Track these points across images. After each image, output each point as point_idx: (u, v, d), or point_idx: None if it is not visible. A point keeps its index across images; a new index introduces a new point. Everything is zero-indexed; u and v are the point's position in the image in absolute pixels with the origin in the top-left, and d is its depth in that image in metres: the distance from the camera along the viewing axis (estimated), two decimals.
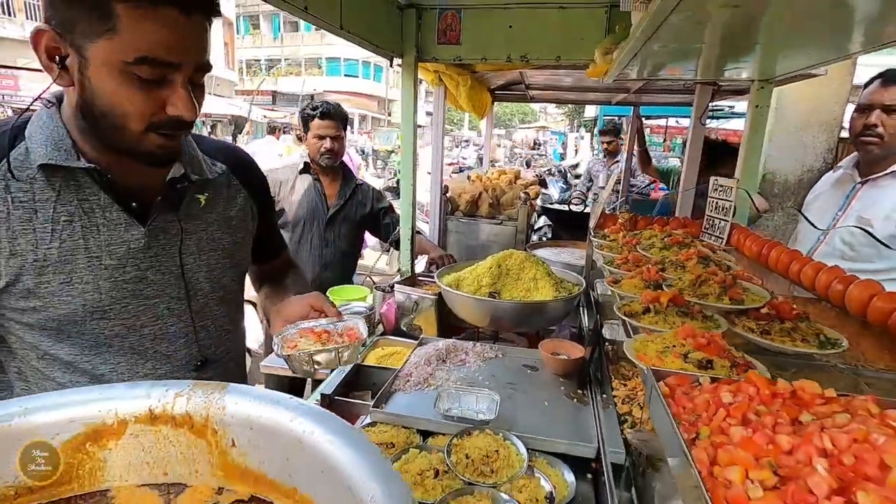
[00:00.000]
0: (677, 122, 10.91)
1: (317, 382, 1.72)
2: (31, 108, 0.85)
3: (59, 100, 0.86)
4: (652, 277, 1.07)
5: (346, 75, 37.32)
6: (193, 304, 0.96)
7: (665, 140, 10.73)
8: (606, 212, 2.00)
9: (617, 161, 5.40)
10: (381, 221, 2.69)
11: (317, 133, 2.44)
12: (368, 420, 1.29)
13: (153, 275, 0.90)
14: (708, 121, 2.95)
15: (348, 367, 1.60)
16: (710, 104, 2.65)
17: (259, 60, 38.55)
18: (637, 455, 0.83)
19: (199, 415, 0.62)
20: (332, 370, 1.36)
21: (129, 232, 0.87)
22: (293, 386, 2.45)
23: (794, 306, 0.88)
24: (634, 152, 4.50)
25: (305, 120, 2.48)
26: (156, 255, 0.90)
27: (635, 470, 0.84)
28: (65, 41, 0.75)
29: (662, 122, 10.65)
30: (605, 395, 1.30)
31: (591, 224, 1.92)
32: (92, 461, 0.61)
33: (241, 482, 0.63)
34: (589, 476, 1.12)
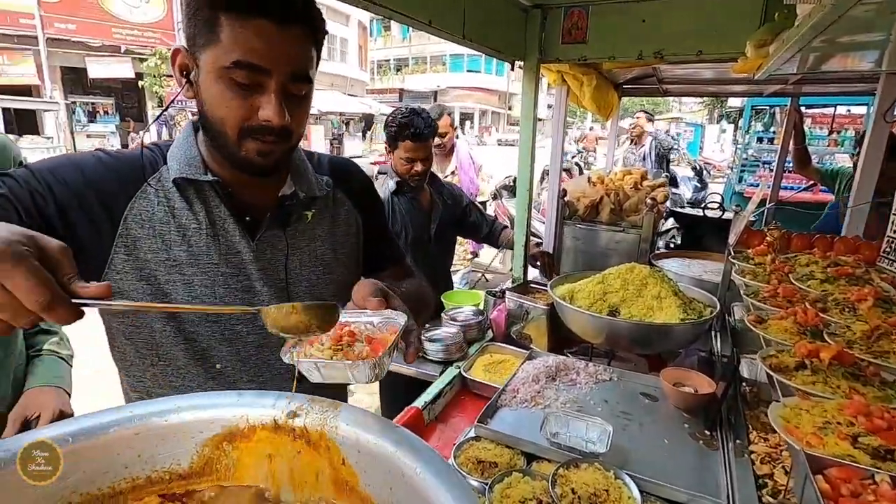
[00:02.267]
0: (848, 110, 9.25)
1: (427, 384, 1.76)
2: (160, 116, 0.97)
3: (197, 127, 0.96)
4: (809, 321, 0.89)
5: (468, 71, 37.93)
6: None
7: (831, 132, 9.12)
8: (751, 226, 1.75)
9: (643, 147, 5.59)
10: (467, 219, 2.58)
11: (407, 155, 2.19)
12: (473, 433, 1.28)
13: (260, 286, 0.96)
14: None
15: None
16: None
17: (388, 60, 40.86)
18: None
19: (315, 430, 0.66)
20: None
21: (241, 244, 0.94)
22: (408, 383, 2.09)
23: None
24: (790, 150, 3.89)
25: (394, 137, 2.20)
26: (263, 267, 0.96)
27: None
28: (190, 56, 0.84)
29: (828, 108, 9.08)
30: (738, 442, 1.14)
31: (731, 241, 1.69)
32: (227, 458, 0.69)
33: (347, 499, 0.66)
34: None
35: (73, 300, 0.52)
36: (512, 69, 2.16)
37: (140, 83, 17.88)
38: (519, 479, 1.08)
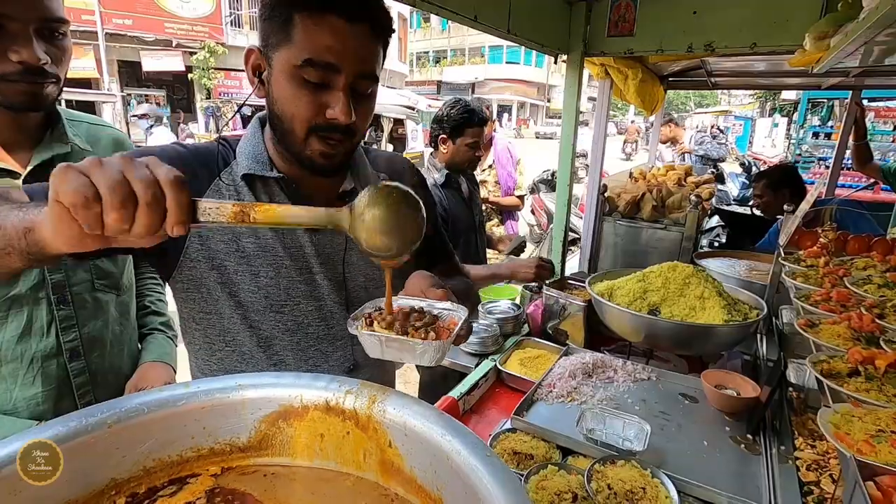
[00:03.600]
0: None
1: (462, 375, 1.80)
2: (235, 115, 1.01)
3: (264, 120, 0.99)
4: (865, 327, 0.86)
5: (507, 62, 37.49)
6: (350, 310, 1.03)
7: None
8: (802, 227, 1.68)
9: (682, 144, 5.72)
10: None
11: (471, 142, 2.29)
12: (509, 425, 1.30)
13: (321, 279, 1.00)
14: None
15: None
16: None
17: (427, 52, 40.84)
18: None
19: (364, 413, 0.70)
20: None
21: (305, 238, 0.98)
22: (445, 374, 2.23)
23: None
24: (849, 146, 3.68)
25: (458, 126, 2.25)
26: (323, 262, 0.99)
27: None
28: (263, 57, 0.87)
29: (894, 102, 8.49)
30: (783, 448, 1.12)
31: (782, 241, 1.63)
32: (282, 435, 0.74)
33: (393, 479, 0.70)
34: None
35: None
36: (555, 62, 2.14)
37: (189, 76, 18.61)
38: (554, 472, 1.09)
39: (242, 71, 0.93)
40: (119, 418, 0.64)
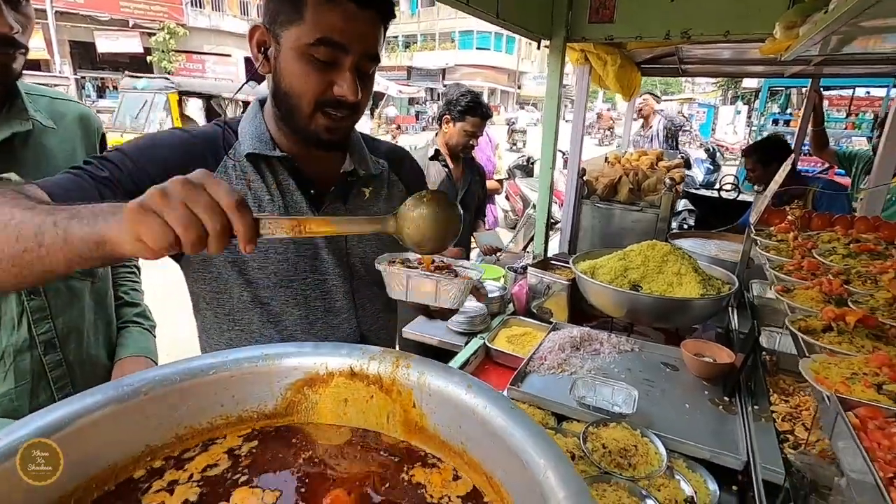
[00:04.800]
0: (867, 92, 9.11)
1: (452, 353, 1.85)
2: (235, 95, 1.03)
3: (263, 102, 1.02)
4: (834, 291, 0.95)
5: (477, 48, 37.31)
6: (354, 284, 1.08)
7: (849, 114, 9.00)
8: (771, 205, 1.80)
9: (651, 127, 5.70)
10: (482, 203, 2.81)
11: (470, 130, 2.51)
12: (505, 395, 1.37)
13: (326, 255, 1.03)
14: None
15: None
16: None
17: (397, 37, 40.17)
18: (800, 478, 0.78)
19: (388, 376, 0.74)
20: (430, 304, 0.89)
21: (309, 214, 0.99)
22: (435, 353, 2.26)
23: None
24: (808, 132, 3.89)
25: (463, 112, 2.50)
26: (329, 238, 1.03)
27: (796, 493, 0.80)
28: (269, 34, 0.89)
29: (846, 90, 8.95)
30: (757, 407, 1.22)
31: (753, 219, 1.74)
32: (307, 401, 0.77)
33: (416, 437, 0.74)
34: (734, 488, 1.08)
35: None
36: (539, 48, 2.19)
37: (148, 58, 17.80)
38: (551, 434, 1.16)
39: (204, 53, 0.94)
40: (153, 387, 0.66)
